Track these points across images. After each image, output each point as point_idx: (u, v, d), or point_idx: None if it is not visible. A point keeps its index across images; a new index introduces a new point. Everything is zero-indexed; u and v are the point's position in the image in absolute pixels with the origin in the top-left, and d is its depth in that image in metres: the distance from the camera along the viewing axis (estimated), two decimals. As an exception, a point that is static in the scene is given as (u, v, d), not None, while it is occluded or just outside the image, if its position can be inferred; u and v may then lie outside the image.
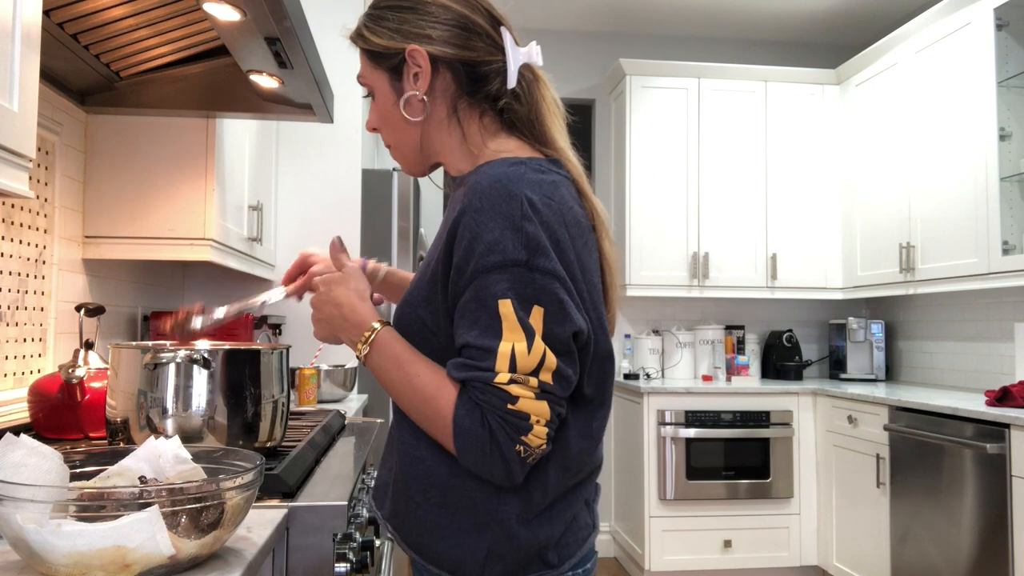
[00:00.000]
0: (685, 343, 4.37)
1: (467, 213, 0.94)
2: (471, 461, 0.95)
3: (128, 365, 1.24)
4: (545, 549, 0.99)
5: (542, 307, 0.92)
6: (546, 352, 0.92)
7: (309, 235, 3.20)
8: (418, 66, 1.05)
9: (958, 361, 3.84)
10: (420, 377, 0.98)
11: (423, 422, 0.99)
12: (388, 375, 1.01)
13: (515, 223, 0.92)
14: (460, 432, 0.94)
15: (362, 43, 1.09)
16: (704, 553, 3.81)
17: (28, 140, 1.11)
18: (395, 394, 1.01)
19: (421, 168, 1.13)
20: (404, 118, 1.07)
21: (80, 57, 1.77)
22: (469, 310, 0.94)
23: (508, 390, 0.91)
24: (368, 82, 1.10)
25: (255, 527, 1.02)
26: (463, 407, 0.94)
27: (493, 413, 0.92)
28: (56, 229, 1.95)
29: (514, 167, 0.98)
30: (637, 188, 4.23)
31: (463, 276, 0.94)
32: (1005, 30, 3.12)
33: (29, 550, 0.78)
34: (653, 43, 4.73)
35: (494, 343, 0.92)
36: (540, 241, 0.93)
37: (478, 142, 1.07)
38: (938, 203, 3.48)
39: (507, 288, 0.92)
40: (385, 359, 1.01)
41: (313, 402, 2.61)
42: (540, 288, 0.92)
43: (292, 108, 2.07)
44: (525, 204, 0.93)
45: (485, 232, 0.92)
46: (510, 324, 0.91)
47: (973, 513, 2.82)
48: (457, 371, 0.95)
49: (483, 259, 0.92)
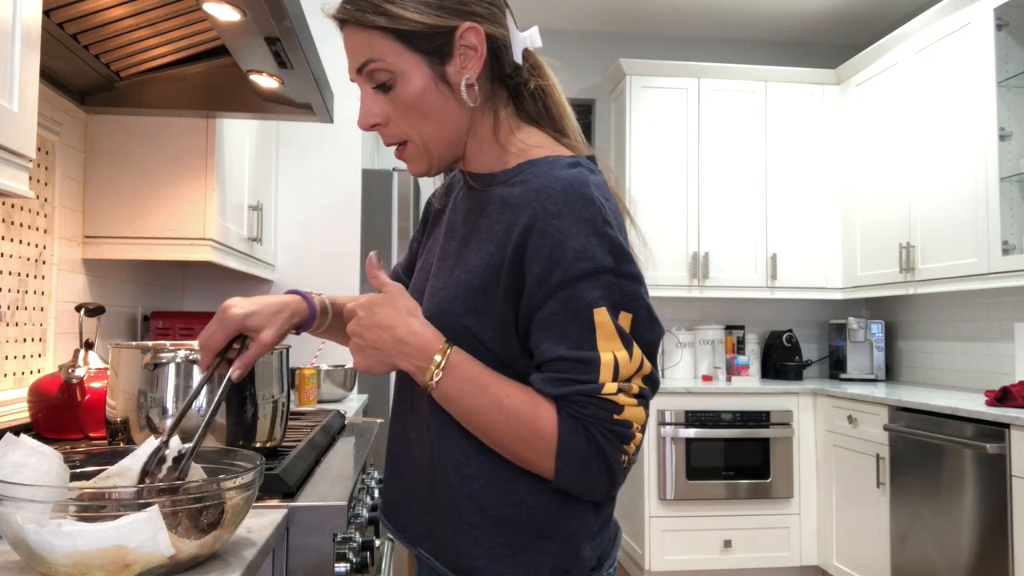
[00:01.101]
0: (685, 343, 4.37)
1: (543, 219, 0.88)
2: (572, 480, 0.89)
3: (128, 365, 1.24)
4: (598, 559, 0.99)
5: (631, 313, 0.90)
6: (643, 359, 0.90)
7: (309, 235, 3.20)
8: (472, 48, 0.93)
9: (958, 361, 3.84)
10: (510, 397, 0.90)
11: (515, 445, 0.90)
12: (470, 399, 0.90)
13: (598, 229, 0.88)
14: (566, 449, 0.88)
15: (386, 22, 0.91)
16: (704, 553, 3.81)
17: (28, 140, 1.11)
18: (478, 420, 0.91)
19: (443, 163, 1.00)
20: (444, 107, 0.95)
21: (80, 57, 1.77)
22: (555, 322, 0.88)
23: (616, 400, 0.88)
24: (389, 67, 0.93)
25: (255, 527, 1.02)
26: (565, 424, 0.88)
27: (598, 426, 0.88)
28: (56, 229, 1.95)
29: (576, 169, 0.92)
30: (637, 188, 4.24)
31: (546, 286, 0.88)
32: (1005, 30, 3.12)
33: (29, 550, 0.78)
34: (653, 43, 4.72)
35: (593, 354, 0.87)
36: (622, 246, 0.90)
37: (507, 130, 0.99)
38: (938, 203, 3.48)
39: (600, 296, 0.87)
40: (464, 382, 0.90)
41: (313, 402, 2.61)
42: (629, 294, 0.89)
43: (292, 108, 2.07)
44: (604, 208, 0.89)
45: (571, 239, 0.87)
46: (607, 333, 0.87)
47: (973, 513, 2.82)
48: (554, 387, 0.89)
49: (572, 268, 0.87)
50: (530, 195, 0.90)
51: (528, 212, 0.89)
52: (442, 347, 0.91)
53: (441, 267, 1.01)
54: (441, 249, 1.04)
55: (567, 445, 0.88)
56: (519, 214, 0.90)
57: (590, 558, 0.97)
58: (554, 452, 0.88)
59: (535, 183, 0.91)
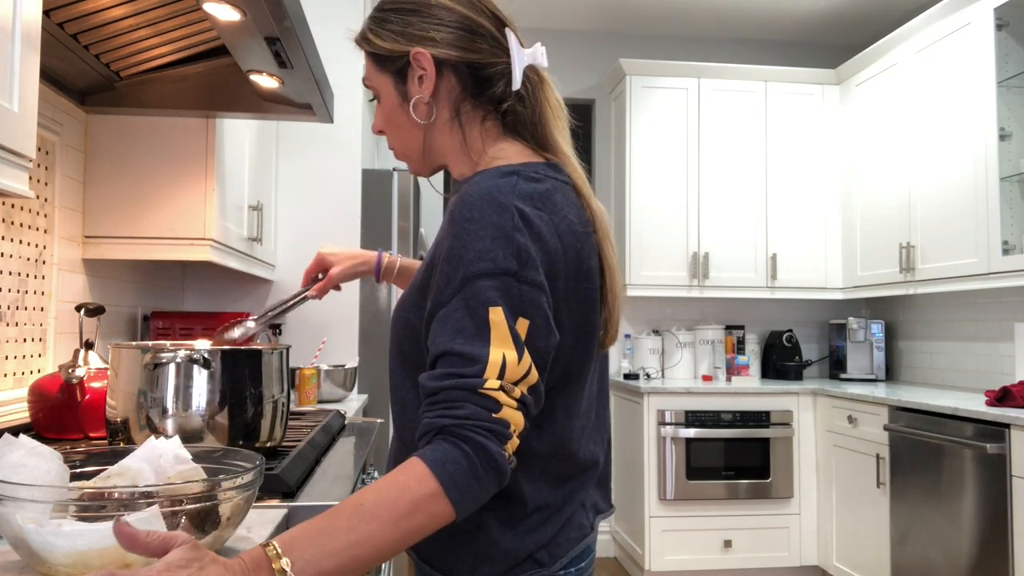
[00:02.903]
0: (685, 343, 4.37)
1: (456, 223, 0.92)
2: (472, 499, 0.84)
3: (128, 365, 1.24)
4: (535, 552, 0.99)
5: (528, 319, 0.90)
6: (531, 366, 0.89)
7: (309, 235, 3.20)
8: (422, 69, 1.04)
9: (958, 361, 3.84)
10: (365, 498, 0.80)
11: (409, 524, 0.80)
12: (333, 541, 0.77)
13: (506, 233, 0.91)
14: (449, 479, 0.82)
15: (367, 46, 1.08)
16: (704, 553, 3.81)
17: (28, 140, 1.11)
18: (363, 545, 0.78)
19: (427, 169, 1.13)
20: (408, 121, 1.07)
21: (80, 57, 1.77)
22: (453, 318, 0.89)
23: (495, 397, 0.86)
24: (373, 85, 1.10)
25: (255, 527, 1.02)
26: (434, 454, 0.83)
27: (476, 427, 0.85)
28: (56, 229, 1.95)
29: (506, 178, 0.96)
30: (637, 188, 4.23)
31: (451, 284, 0.90)
32: (1005, 30, 3.12)
33: (29, 550, 0.78)
34: (653, 43, 4.73)
35: (483, 351, 0.87)
36: (530, 253, 0.91)
37: (478, 147, 1.06)
38: (938, 203, 3.48)
39: (497, 296, 0.89)
40: (319, 538, 0.77)
41: (313, 402, 2.61)
42: (528, 300, 0.90)
43: (292, 108, 2.07)
44: (516, 216, 0.92)
45: (475, 241, 0.90)
46: (500, 333, 0.88)
47: (973, 513, 2.82)
48: (436, 380, 0.88)
49: (473, 266, 0.89)
50: (456, 204, 0.95)
51: (448, 219, 0.95)
52: (263, 545, 0.75)
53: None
54: None
55: (447, 473, 0.82)
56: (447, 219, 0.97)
57: (518, 550, 0.97)
58: (441, 492, 0.82)
59: (463, 191, 0.96)
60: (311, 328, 3.18)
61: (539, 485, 0.99)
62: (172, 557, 0.71)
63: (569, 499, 1.03)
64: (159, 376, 1.22)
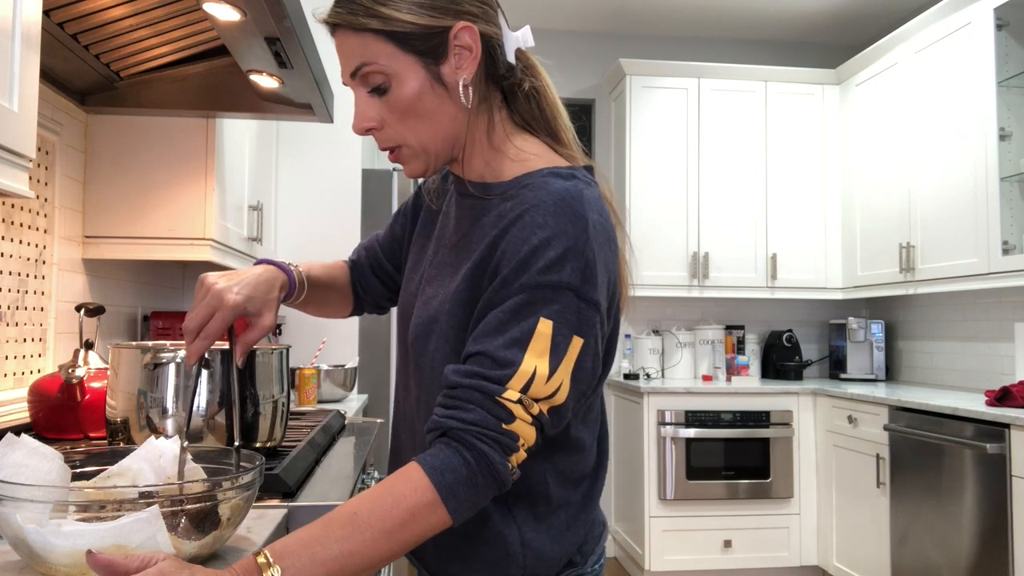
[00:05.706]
0: (685, 343, 4.37)
1: (527, 226, 0.87)
2: (469, 506, 0.84)
3: (128, 365, 1.24)
4: (573, 555, 1.00)
5: (583, 339, 0.87)
6: (561, 386, 0.86)
7: (309, 235, 3.20)
8: (467, 48, 0.92)
9: (958, 361, 3.84)
10: (359, 507, 0.79)
11: (405, 529, 0.80)
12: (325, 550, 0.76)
13: (578, 247, 0.86)
14: (446, 487, 0.81)
15: (378, 23, 0.90)
16: (704, 553, 3.81)
17: (28, 140, 1.11)
18: (358, 556, 0.77)
19: (439, 165, 0.98)
20: (439, 108, 0.93)
21: (80, 57, 1.77)
22: (499, 320, 0.86)
23: (511, 409, 0.83)
24: (382, 70, 0.91)
25: (255, 527, 1.02)
26: (433, 460, 0.82)
27: (482, 434, 0.83)
28: (56, 229, 1.95)
29: (572, 182, 0.91)
30: (637, 188, 4.23)
31: (509, 286, 0.86)
32: (1005, 30, 3.12)
33: (29, 550, 0.78)
34: (653, 43, 4.73)
35: (517, 357, 0.84)
36: (593, 270, 0.87)
37: (501, 135, 0.98)
38: (938, 203, 3.48)
39: (555, 310, 0.85)
40: (311, 547, 0.76)
41: (313, 402, 2.61)
42: (585, 319, 0.87)
43: (292, 108, 2.07)
44: (589, 228, 0.87)
45: (547, 249, 0.86)
46: (541, 345, 0.84)
47: (973, 513, 2.82)
48: (457, 375, 0.86)
49: (540, 276, 0.85)
50: (527, 209, 0.89)
51: (514, 219, 0.89)
52: (254, 554, 0.75)
53: (435, 275, 1.01)
54: (433, 254, 1.05)
55: (446, 483, 0.81)
56: (507, 218, 0.91)
57: (560, 557, 0.97)
58: (438, 500, 0.81)
59: (528, 196, 0.90)
60: (311, 328, 3.18)
61: (565, 485, 0.99)
62: (163, 566, 0.71)
63: (592, 501, 1.03)
64: (159, 376, 1.22)
